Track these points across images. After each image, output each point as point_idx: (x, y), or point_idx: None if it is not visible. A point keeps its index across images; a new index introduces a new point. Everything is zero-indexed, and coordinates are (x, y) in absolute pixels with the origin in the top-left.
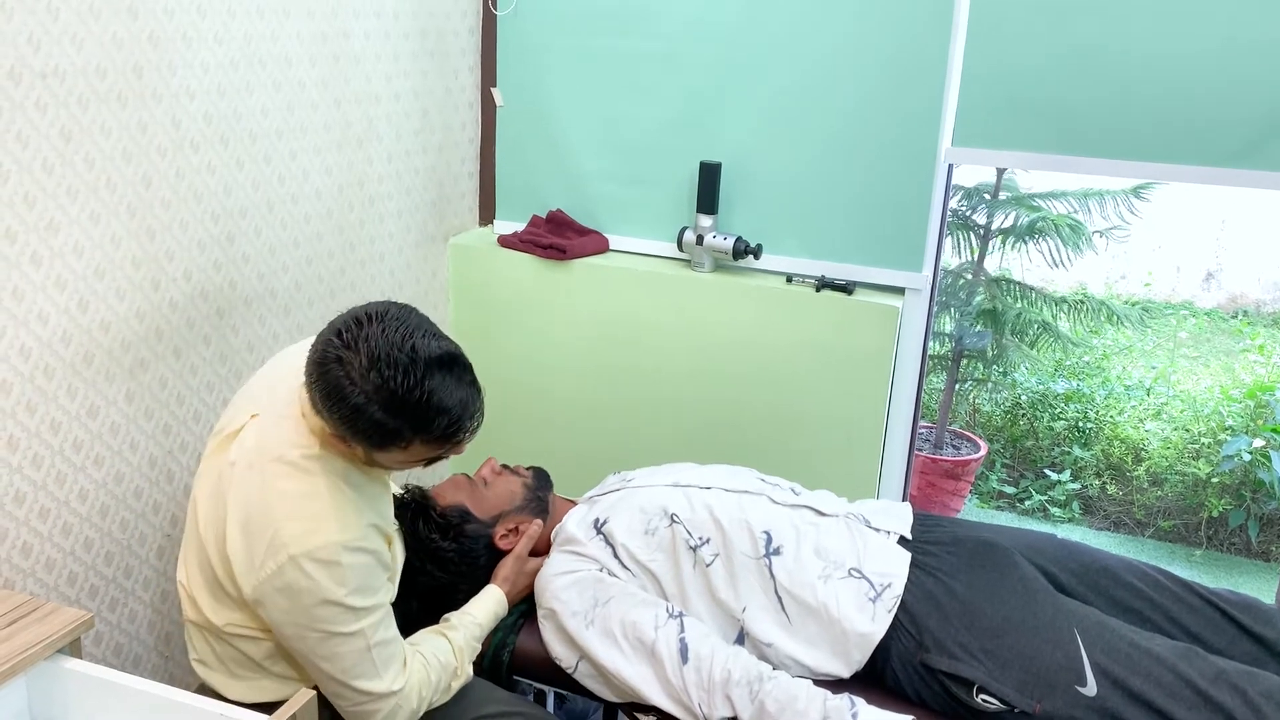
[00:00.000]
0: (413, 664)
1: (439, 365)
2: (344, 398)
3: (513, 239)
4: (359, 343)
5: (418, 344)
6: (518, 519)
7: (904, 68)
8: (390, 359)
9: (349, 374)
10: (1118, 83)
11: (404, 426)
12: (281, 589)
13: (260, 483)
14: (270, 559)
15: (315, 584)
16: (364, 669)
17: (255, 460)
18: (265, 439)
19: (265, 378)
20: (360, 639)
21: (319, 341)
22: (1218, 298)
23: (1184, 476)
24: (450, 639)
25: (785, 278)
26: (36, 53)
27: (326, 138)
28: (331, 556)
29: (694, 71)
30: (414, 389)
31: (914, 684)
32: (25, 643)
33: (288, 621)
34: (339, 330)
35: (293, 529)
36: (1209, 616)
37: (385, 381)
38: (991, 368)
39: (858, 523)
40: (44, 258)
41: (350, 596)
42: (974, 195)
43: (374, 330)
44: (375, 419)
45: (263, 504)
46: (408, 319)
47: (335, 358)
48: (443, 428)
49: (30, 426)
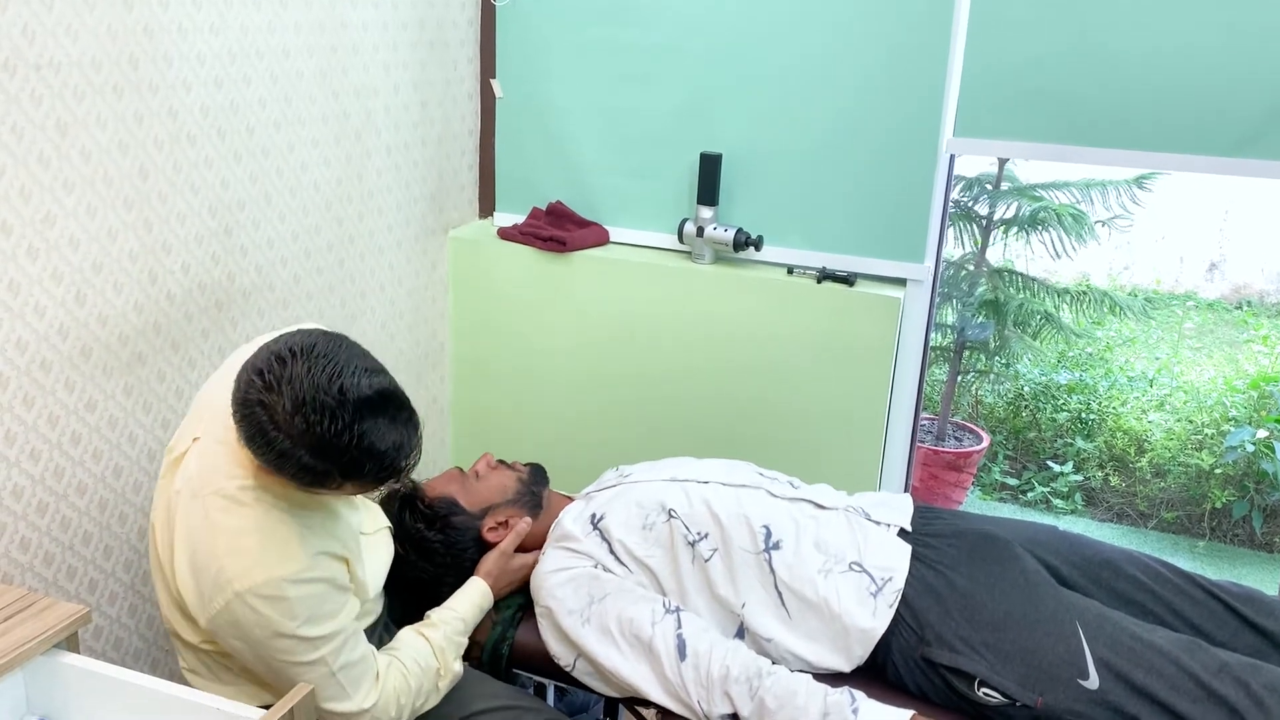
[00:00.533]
0: (387, 676)
1: (369, 407)
2: (269, 443)
3: (512, 231)
4: (282, 384)
5: (346, 384)
6: (508, 512)
7: (905, 57)
8: (316, 403)
9: (273, 418)
10: (1120, 72)
11: (333, 470)
12: (232, 623)
13: (202, 515)
14: (217, 595)
15: (264, 619)
16: (331, 692)
17: (197, 490)
18: (204, 467)
19: (212, 388)
20: (321, 666)
21: (240, 380)
22: (1221, 288)
23: (1187, 468)
24: (429, 639)
25: (786, 269)
26: (31, 44)
27: (324, 130)
28: (276, 592)
29: (695, 62)
30: (342, 433)
31: (915, 678)
32: (22, 638)
33: (246, 651)
34: (260, 370)
35: (235, 566)
36: (1212, 609)
37: (310, 427)
38: (994, 359)
39: (858, 516)
40: (40, 251)
41: (303, 628)
42: (975, 186)
43: (298, 370)
44: (303, 463)
45: (207, 539)
46: (335, 354)
47: (257, 401)
48: (374, 473)
49: (28, 420)
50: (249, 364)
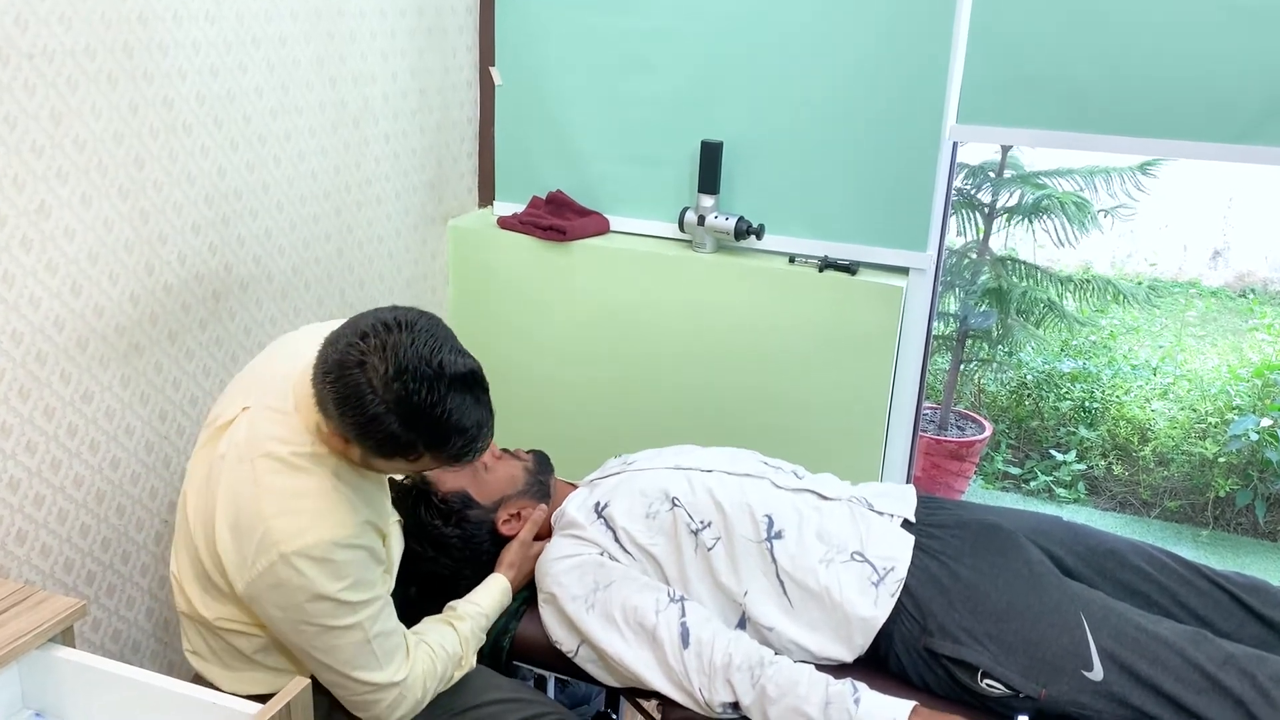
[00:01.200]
0: (417, 654)
1: (462, 383)
2: (362, 404)
3: (512, 220)
4: (386, 350)
5: (445, 359)
6: (520, 504)
7: (907, 45)
8: (416, 372)
9: (371, 381)
10: (1124, 58)
11: (418, 441)
12: (274, 586)
13: (250, 478)
14: (261, 556)
15: (308, 580)
16: (364, 660)
17: (245, 454)
18: (256, 433)
19: (260, 366)
20: (358, 631)
21: (341, 342)
22: (1225, 276)
23: (1190, 456)
24: (457, 629)
25: (788, 258)
26: (24, 33)
27: (322, 118)
28: (324, 554)
29: (695, 49)
30: (436, 405)
31: (917, 669)
32: (16, 631)
33: (283, 617)
34: (364, 333)
35: (284, 526)
36: (1217, 599)
37: (409, 394)
38: (997, 348)
39: (860, 506)
40: (34, 241)
41: (344, 591)
42: (978, 173)
43: (403, 339)
44: (390, 430)
45: (253, 500)
46: (436, 331)
47: (358, 361)
48: (457, 447)
49: (23, 412)
50: (349, 329)
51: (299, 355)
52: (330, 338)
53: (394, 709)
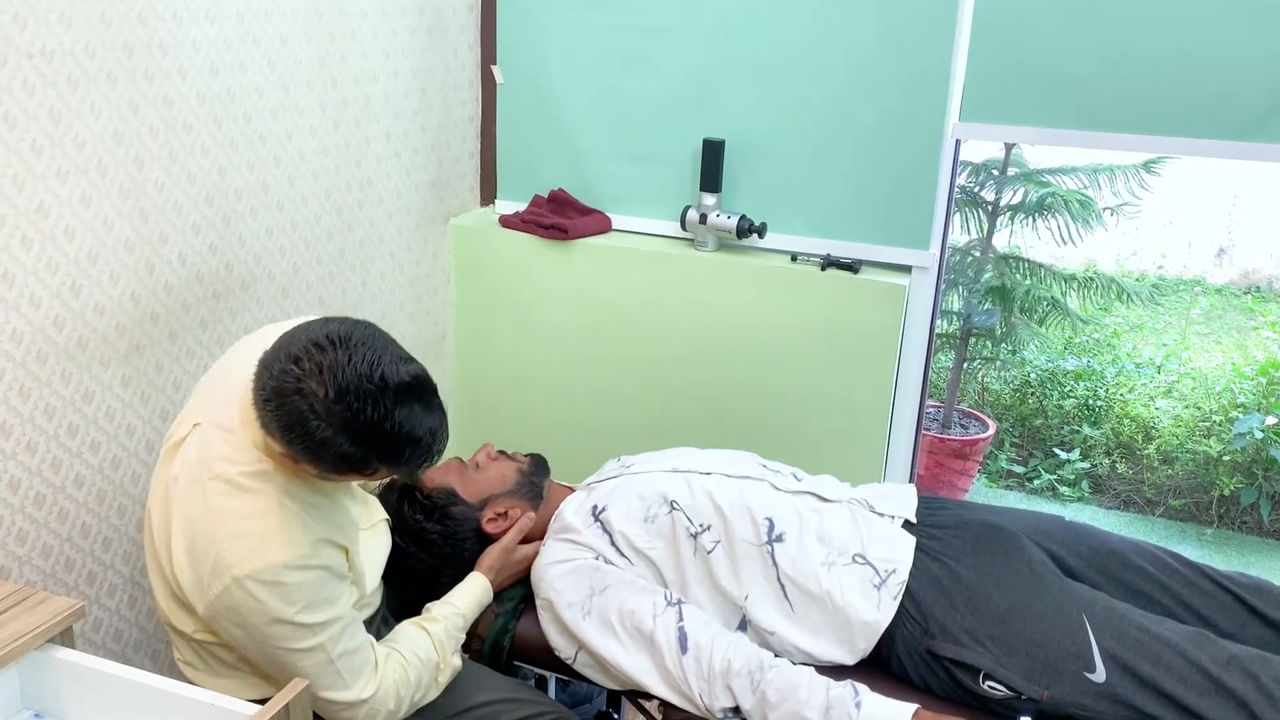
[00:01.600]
0: (386, 667)
1: (408, 392)
2: (308, 430)
3: (514, 219)
4: (323, 372)
5: (386, 371)
6: (507, 503)
7: (910, 42)
8: (358, 390)
9: (313, 406)
10: (1127, 55)
11: (371, 457)
12: (230, 609)
13: (201, 501)
14: (215, 581)
15: (262, 605)
16: (330, 680)
17: (196, 475)
18: (205, 453)
19: (215, 376)
20: (320, 653)
21: (275, 367)
22: (1230, 273)
23: (1195, 455)
24: (430, 631)
25: (790, 257)
26: (22, 32)
27: (323, 117)
28: (275, 577)
29: (696, 47)
30: (384, 420)
31: (919, 671)
32: (15, 632)
33: (244, 639)
34: (296, 358)
35: (235, 550)
36: (1220, 600)
37: (355, 414)
38: (1000, 346)
39: (861, 508)
40: (34, 241)
41: (300, 614)
42: (982, 171)
43: (339, 357)
44: (341, 451)
45: (205, 524)
46: (372, 342)
47: (295, 389)
48: (411, 458)
49: (24, 412)
50: (281, 352)
51: (249, 363)
52: (264, 360)
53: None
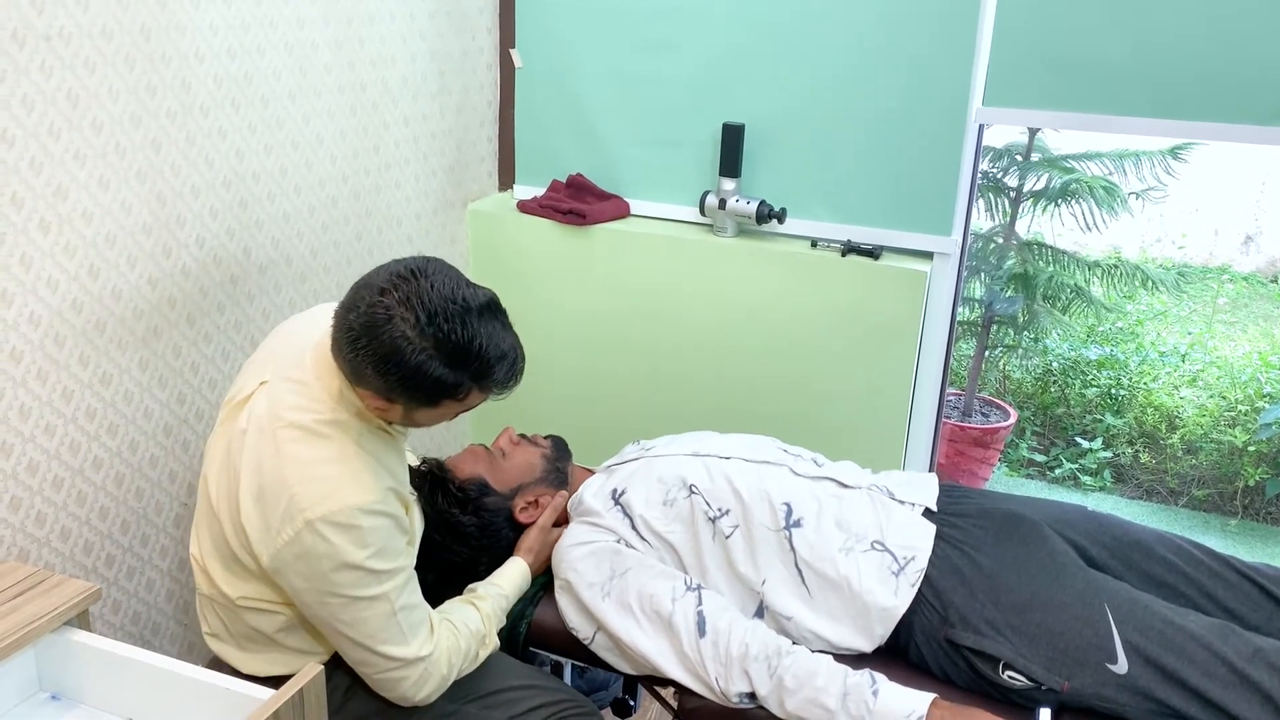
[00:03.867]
0: (440, 630)
1: (489, 312)
2: (403, 357)
3: (532, 204)
4: (411, 299)
5: (465, 294)
6: (537, 491)
7: (933, 25)
8: (446, 312)
9: (405, 333)
10: (1155, 39)
11: (465, 377)
12: (300, 555)
13: (273, 449)
14: (287, 525)
15: (334, 548)
16: (390, 634)
17: (267, 426)
18: (276, 405)
19: (273, 345)
20: (384, 603)
21: (361, 305)
22: (1257, 261)
23: (1219, 445)
24: (479, 607)
25: (810, 242)
26: (40, 15)
27: (340, 101)
28: (349, 520)
29: (716, 30)
30: (474, 339)
31: (938, 660)
32: (32, 615)
33: (308, 588)
34: (382, 289)
35: (308, 494)
36: (1246, 592)
37: (447, 335)
38: (1022, 334)
39: (881, 495)
40: (52, 224)
41: (371, 559)
42: (1005, 156)
43: (422, 285)
44: (436, 375)
45: (276, 470)
46: (448, 270)
47: (385, 318)
48: (502, 373)
49: (42, 395)
50: (364, 291)
51: (313, 327)
52: (345, 305)
53: (419, 686)
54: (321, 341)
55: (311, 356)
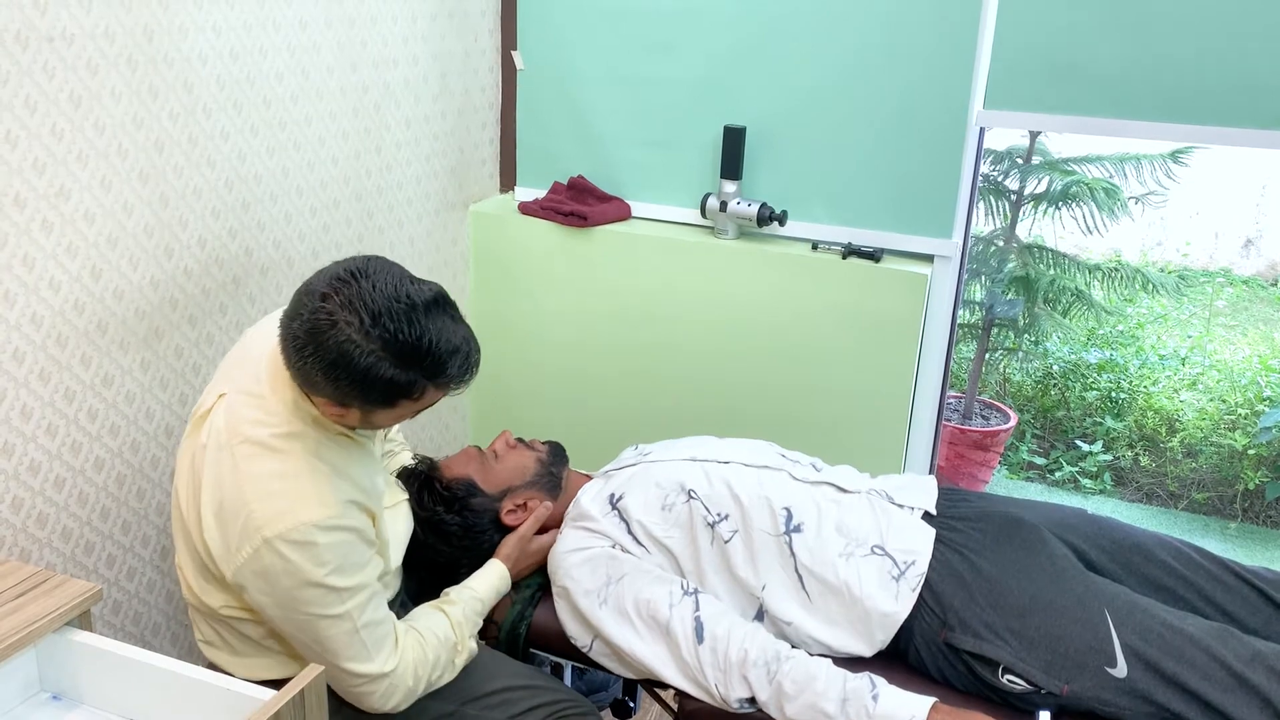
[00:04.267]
0: (405, 643)
1: (435, 308)
2: (351, 362)
3: (533, 206)
4: (354, 303)
5: (410, 291)
6: (526, 494)
7: (934, 28)
8: (391, 311)
9: (351, 337)
10: (1156, 41)
11: (418, 377)
12: (259, 573)
13: (230, 465)
14: (245, 543)
15: (292, 566)
16: (354, 650)
17: (225, 441)
18: (233, 419)
19: (234, 355)
20: (346, 621)
21: (304, 312)
22: (1257, 265)
23: (1219, 448)
24: (448, 614)
25: (811, 245)
26: (43, 16)
27: (343, 103)
28: (306, 537)
29: (718, 33)
30: (422, 336)
31: (937, 663)
32: (33, 615)
33: (271, 604)
34: (324, 294)
35: (265, 511)
36: (1245, 595)
37: (394, 334)
38: (1023, 336)
39: (881, 499)
40: (54, 224)
41: (330, 577)
42: (1005, 159)
43: (364, 286)
44: (387, 376)
45: (234, 487)
46: (389, 269)
47: (329, 324)
48: (456, 368)
49: (44, 395)
50: (305, 298)
51: (269, 337)
52: (288, 313)
53: (386, 698)
54: (275, 352)
55: (266, 367)
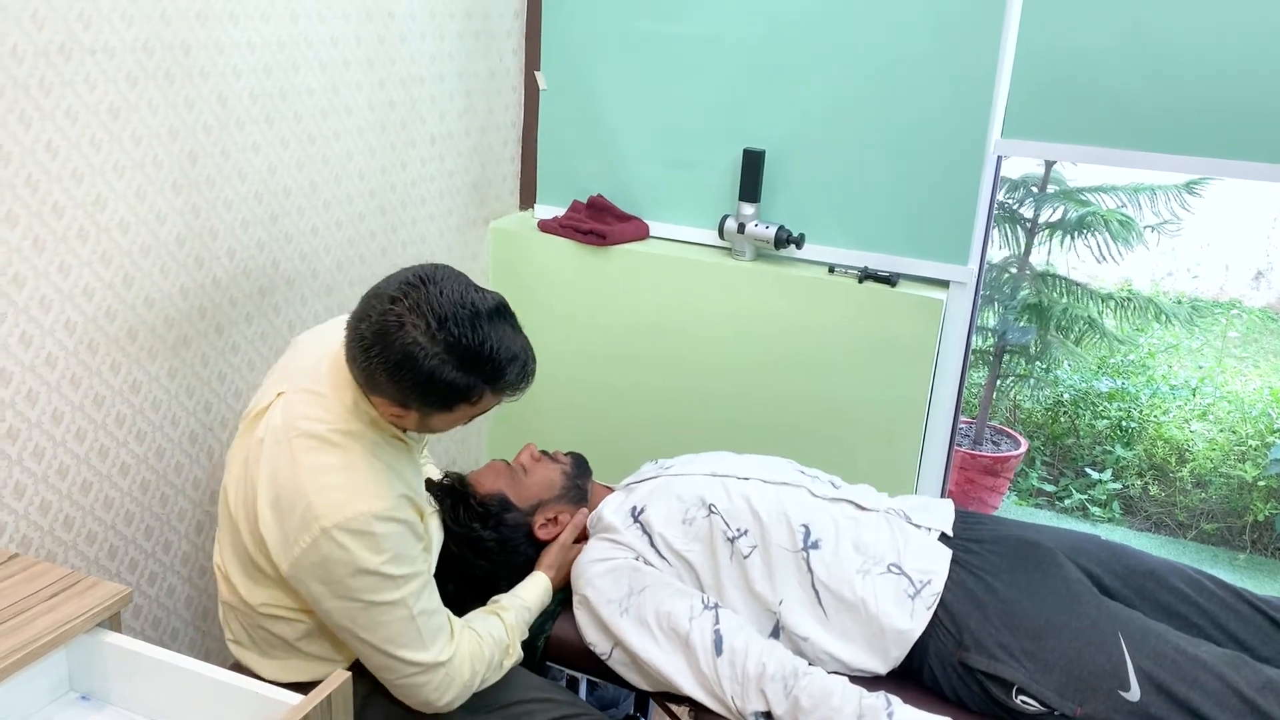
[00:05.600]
0: (462, 636)
1: (498, 315)
2: (416, 363)
3: (553, 224)
4: (421, 306)
5: (474, 299)
6: (556, 509)
7: (954, 55)
8: (456, 316)
9: (417, 340)
10: (1175, 73)
11: (478, 380)
12: (318, 563)
13: (289, 458)
14: (304, 533)
15: (350, 554)
16: (409, 639)
17: (283, 436)
18: (292, 415)
19: (288, 359)
20: (402, 608)
21: (372, 314)
22: (1267, 296)
23: (1229, 479)
24: (503, 618)
25: (828, 268)
26: (87, 29)
27: (370, 118)
28: (364, 526)
29: (739, 57)
30: (484, 342)
31: (951, 683)
32: (66, 615)
33: (327, 595)
34: (393, 298)
35: (324, 502)
36: (1257, 624)
37: (458, 339)
38: (1034, 364)
39: (898, 518)
40: (90, 233)
41: (387, 565)
42: (1020, 188)
43: (431, 292)
44: (449, 379)
45: (292, 479)
46: (456, 276)
47: (397, 325)
48: (514, 375)
49: (74, 400)
50: (375, 300)
51: (327, 341)
52: (357, 315)
53: (442, 691)
54: (336, 354)
55: (327, 368)
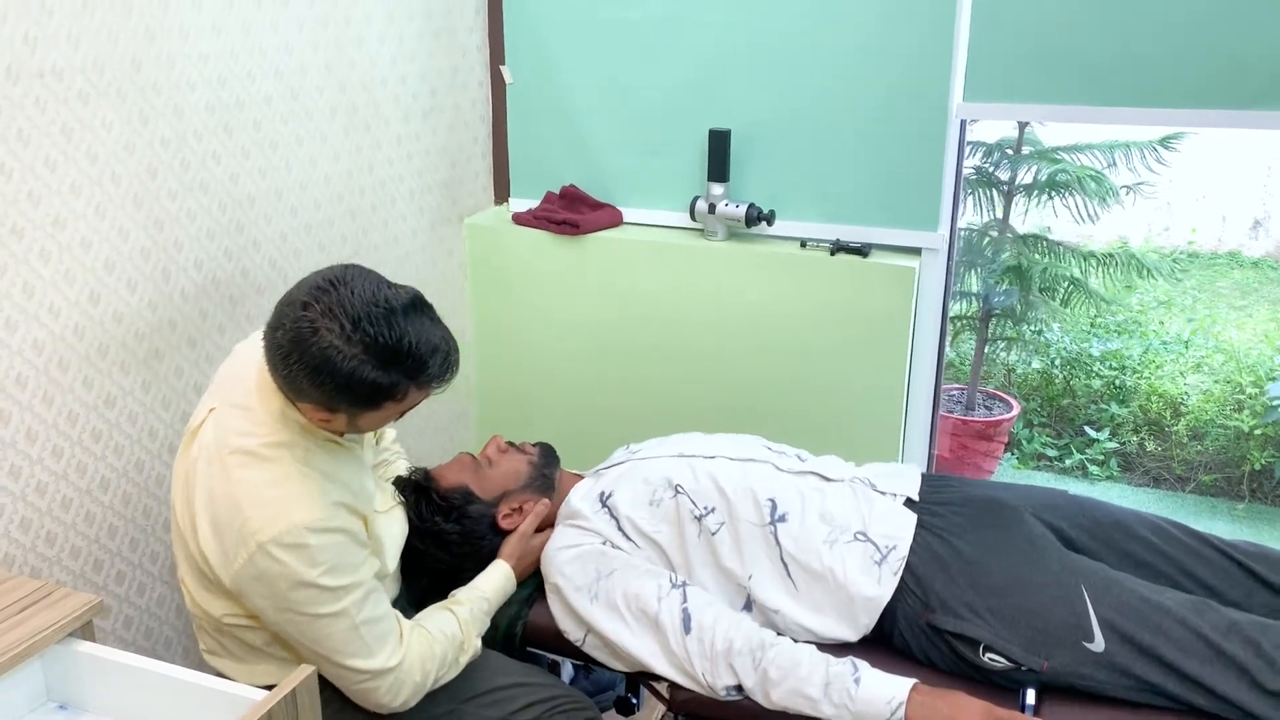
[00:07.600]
0: (411, 638)
1: (413, 310)
2: (335, 367)
3: (527, 216)
4: (334, 309)
5: (387, 295)
6: (521, 498)
7: (911, 24)
8: (370, 315)
9: (333, 343)
10: (1133, 27)
11: (400, 378)
12: (256, 577)
13: (222, 475)
14: (241, 549)
15: (286, 568)
16: (355, 648)
17: (215, 454)
18: (223, 431)
19: (222, 372)
20: (344, 618)
21: (285, 323)
22: (1266, 246)
23: (1226, 430)
24: (455, 613)
25: (799, 243)
26: (33, 53)
27: (333, 123)
28: (297, 540)
29: (700, 38)
30: (402, 338)
31: (921, 645)
32: (37, 626)
33: (269, 608)
34: (305, 303)
35: (258, 517)
36: (1225, 568)
37: (374, 338)
38: (1021, 326)
39: (864, 486)
40: (52, 253)
41: (323, 576)
42: (996, 151)
43: (344, 293)
44: (370, 379)
45: (227, 496)
46: (366, 275)
47: (311, 331)
48: (437, 366)
49: (48, 418)
50: (287, 308)
51: (255, 350)
52: (272, 324)
53: (394, 694)
54: (261, 364)
55: (254, 380)
